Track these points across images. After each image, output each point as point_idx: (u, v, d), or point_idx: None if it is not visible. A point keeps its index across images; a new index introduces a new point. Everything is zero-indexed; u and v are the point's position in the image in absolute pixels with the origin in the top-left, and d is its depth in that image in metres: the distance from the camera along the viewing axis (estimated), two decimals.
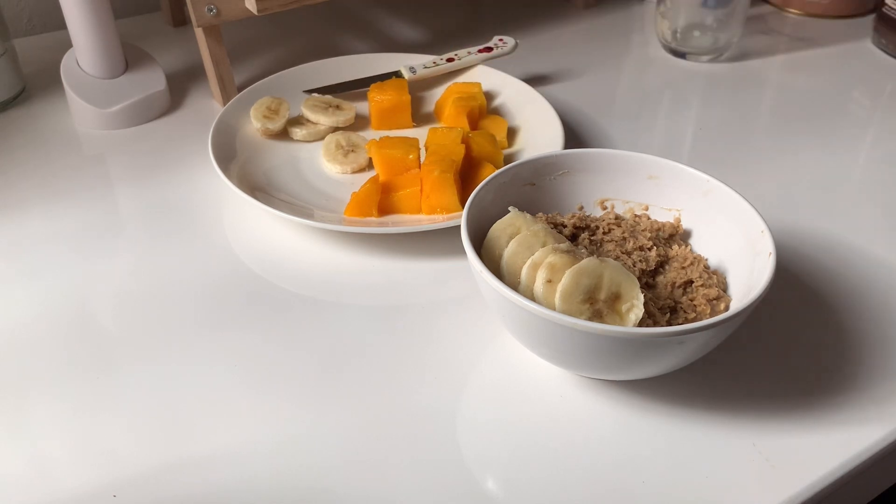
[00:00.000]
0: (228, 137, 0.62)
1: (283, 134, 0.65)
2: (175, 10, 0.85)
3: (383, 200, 0.56)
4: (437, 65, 0.70)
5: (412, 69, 0.70)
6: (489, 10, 0.91)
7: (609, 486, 0.40)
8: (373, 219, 0.56)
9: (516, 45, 0.72)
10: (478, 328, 0.48)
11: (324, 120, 0.65)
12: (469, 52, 0.71)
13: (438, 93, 0.70)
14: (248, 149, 0.62)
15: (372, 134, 0.66)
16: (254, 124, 0.64)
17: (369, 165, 0.61)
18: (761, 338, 0.48)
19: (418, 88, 0.71)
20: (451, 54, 0.71)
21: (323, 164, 0.62)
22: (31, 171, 0.63)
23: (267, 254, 0.55)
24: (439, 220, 0.54)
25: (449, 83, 0.70)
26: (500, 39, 0.72)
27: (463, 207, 0.53)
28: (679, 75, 0.78)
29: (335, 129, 0.65)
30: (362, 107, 0.69)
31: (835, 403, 0.44)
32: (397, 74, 0.70)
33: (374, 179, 0.57)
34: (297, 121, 0.65)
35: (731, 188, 0.47)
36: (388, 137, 0.59)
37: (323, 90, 0.69)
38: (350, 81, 0.70)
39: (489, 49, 0.71)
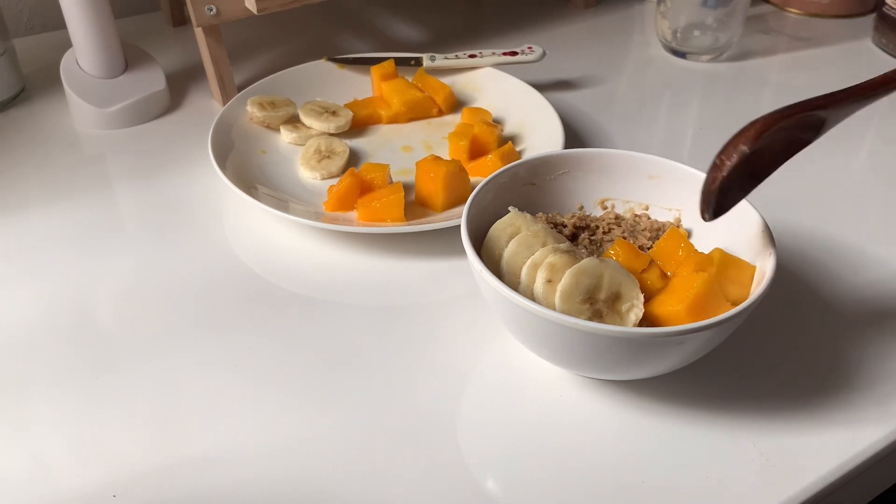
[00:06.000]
0: (228, 137, 0.62)
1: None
2: (175, 9, 0.85)
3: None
4: (459, 58, 0.71)
5: (432, 57, 0.71)
6: (489, 10, 0.91)
7: (609, 487, 0.39)
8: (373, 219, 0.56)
9: (544, 55, 0.72)
10: (478, 328, 0.48)
11: (316, 125, 0.65)
12: (494, 53, 0.71)
13: (451, 80, 0.71)
14: (248, 149, 0.62)
15: (362, 142, 0.66)
16: (247, 107, 0.64)
17: (340, 173, 0.61)
18: (761, 338, 0.48)
19: (435, 75, 0.72)
20: (474, 51, 0.72)
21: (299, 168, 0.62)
22: (31, 171, 0.63)
23: (267, 254, 0.55)
24: (439, 220, 0.54)
25: (460, 76, 0.72)
26: (529, 47, 0.72)
27: (405, 219, 0.54)
28: (679, 75, 0.78)
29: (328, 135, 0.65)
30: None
31: (835, 403, 0.44)
32: (417, 61, 0.71)
33: (352, 172, 0.57)
34: (292, 123, 0.65)
35: None
36: (370, 164, 0.59)
37: (346, 60, 0.71)
38: (373, 56, 0.72)
39: (514, 53, 0.71)
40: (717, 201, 0.39)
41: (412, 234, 0.55)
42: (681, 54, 0.81)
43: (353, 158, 0.64)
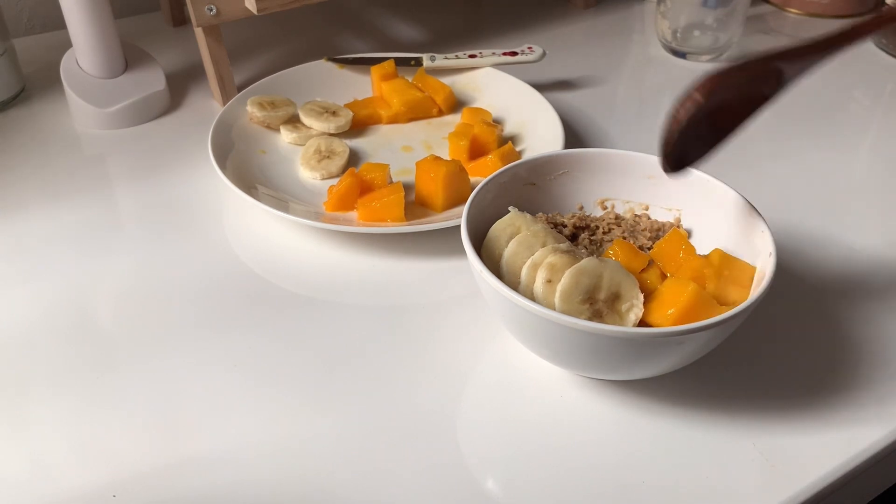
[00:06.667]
0: (228, 137, 0.62)
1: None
2: (175, 9, 0.85)
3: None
4: (459, 58, 0.71)
5: (432, 57, 0.71)
6: (489, 10, 0.91)
7: (609, 487, 0.40)
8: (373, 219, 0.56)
9: (544, 55, 0.72)
10: (478, 328, 0.48)
11: (316, 125, 0.65)
12: (494, 53, 0.71)
13: (451, 80, 0.71)
14: (248, 149, 0.62)
15: (361, 142, 0.65)
16: (247, 107, 0.64)
17: (340, 173, 0.61)
18: (761, 338, 0.48)
19: (435, 75, 0.72)
20: (474, 51, 0.72)
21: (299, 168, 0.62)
22: (31, 171, 0.63)
23: (267, 254, 0.55)
24: (439, 220, 0.54)
25: (460, 76, 0.72)
26: (529, 47, 0.72)
27: (405, 219, 0.55)
28: (679, 75, 0.78)
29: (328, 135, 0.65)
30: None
31: (835, 403, 0.44)
32: (417, 61, 0.71)
33: (352, 172, 0.57)
34: (292, 123, 0.65)
35: (731, 188, 0.47)
36: (370, 164, 0.59)
37: (346, 60, 0.71)
38: (373, 56, 0.72)
39: (514, 53, 0.71)
40: (676, 153, 0.39)
41: (412, 234, 0.55)
42: (681, 54, 0.81)
43: (353, 158, 0.64)
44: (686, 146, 0.39)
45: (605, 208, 0.51)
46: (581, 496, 0.39)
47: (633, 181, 0.50)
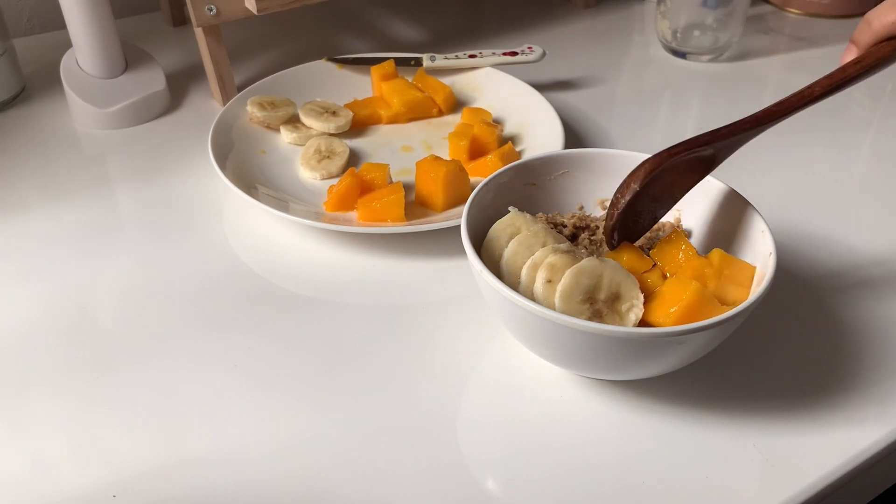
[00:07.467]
0: (228, 137, 0.62)
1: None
2: (175, 9, 0.85)
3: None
4: (459, 58, 0.71)
5: (432, 57, 0.71)
6: (489, 10, 0.91)
7: (609, 487, 0.39)
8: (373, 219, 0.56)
9: (544, 55, 0.72)
10: (478, 328, 0.48)
11: (316, 125, 0.65)
12: (494, 53, 0.71)
13: (451, 80, 0.71)
14: (248, 149, 0.62)
15: (361, 142, 0.66)
16: (247, 107, 0.64)
17: (340, 173, 0.61)
18: (761, 338, 0.48)
19: (435, 75, 0.72)
20: (474, 51, 0.72)
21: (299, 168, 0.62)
22: (31, 171, 0.63)
23: (267, 254, 0.55)
24: (439, 220, 0.54)
25: (460, 76, 0.72)
26: (529, 47, 0.72)
27: (405, 218, 0.55)
28: (679, 75, 0.78)
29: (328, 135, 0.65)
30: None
31: (835, 403, 0.44)
32: (417, 61, 0.71)
33: (352, 172, 0.57)
34: (292, 123, 0.65)
35: (731, 188, 0.47)
36: (370, 164, 0.59)
37: (346, 60, 0.71)
38: (373, 56, 0.72)
39: (514, 53, 0.71)
40: (620, 233, 0.45)
41: (412, 234, 0.55)
42: (681, 54, 0.81)
43: (353, 158, 0.64)
44: (628, 224, 0.45)
45: (604, 208, 0.51)
46: (581, 496, 0.39)
47: None
